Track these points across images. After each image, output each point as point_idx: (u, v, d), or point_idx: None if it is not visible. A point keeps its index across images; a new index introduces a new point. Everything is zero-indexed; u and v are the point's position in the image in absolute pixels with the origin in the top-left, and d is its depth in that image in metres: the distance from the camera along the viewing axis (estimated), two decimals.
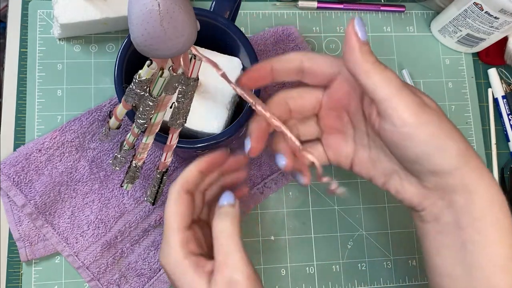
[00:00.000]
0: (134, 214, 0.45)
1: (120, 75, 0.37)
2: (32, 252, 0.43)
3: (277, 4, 0.52)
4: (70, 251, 0.44)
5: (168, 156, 0.35)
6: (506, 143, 0.53)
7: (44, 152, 0.44)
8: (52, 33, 0.48)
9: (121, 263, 0.44)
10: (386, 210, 0.50)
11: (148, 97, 0.29)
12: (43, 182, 0.44)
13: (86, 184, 0.45)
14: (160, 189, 0.37)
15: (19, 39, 0.47)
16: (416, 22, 0.54)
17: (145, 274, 0.44)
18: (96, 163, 0.45)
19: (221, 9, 0.39)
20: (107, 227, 0.44)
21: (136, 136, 0.34)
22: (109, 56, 0.48)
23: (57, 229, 0.44)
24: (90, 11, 0.44)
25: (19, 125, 0.46)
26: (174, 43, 0.25)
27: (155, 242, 0.45)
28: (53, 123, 0.46)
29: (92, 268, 0.44)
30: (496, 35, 0.49)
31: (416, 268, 0.49)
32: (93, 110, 0.46)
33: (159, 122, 0.32)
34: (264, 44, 0.49)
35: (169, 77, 0.28)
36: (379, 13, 0.54)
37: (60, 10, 0.44)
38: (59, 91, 0.47)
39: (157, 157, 0.46)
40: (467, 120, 0.53)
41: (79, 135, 0.45)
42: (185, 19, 0.25)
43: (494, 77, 0.53)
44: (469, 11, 0.47)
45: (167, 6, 0.24)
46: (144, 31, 0.24)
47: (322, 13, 0.53)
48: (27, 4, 0.48)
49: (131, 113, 0.35)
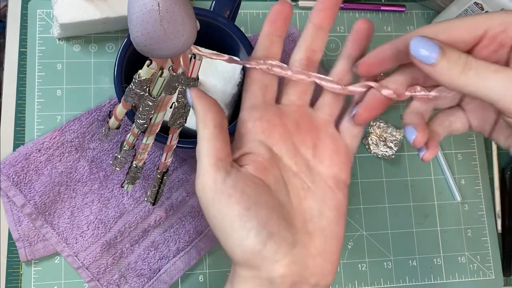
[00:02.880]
0: (134, 214, 0.45)
1: (120, 75, 0.37)
2: (32, 252, 0.43)
3: None
4: (69, 251, 0.44)
5: (168, 156, 0.35)
6: None
7: (43, 152, 0.44)
8: (52, 33, 0.48)
9: (120, 263, 0.44)
10: (386, 210, 0.50)
11: (148, 97, 0.29)
12: (43, 182, 0.44)
13: (86, 184, 0.45)
14: (160, 189, 0.37)
15: (18, 39, 0.47)
16: (417, 22, 0.54)
17: (145, 274, 0.44)
18: (95, 163, 0.45)
19: (221, 8, 0.39)
20: (106, 227, 0.44)
21: (136, 136, 0.33)
22: (108, 56, 0.48)
23: (57, 229, 0.44)
24: (90, 11, 0.44)
25: (19, 125, 0.46)
26: (174, 43, 0.25)
27: (155, 242, 0.45)
28: (53, 123, 0.46)
29: (92, 269, 0.44)
30: None
31: (416, 268, 0.49)
32: (92, 110, 0.46)
33: (159, 122, 0.32)
34: None
35: (169, 77, 0.28)
36: (380, 13, 0.54)
37: (59, 10, 0.44)
38: (59, 91, 0.47)
39: (157, 157, 0.46)
40: None
41: (78, 135, 0.45)
42: (185, 19, 0.25)
43: None
44: (470, 10, 0.47)
45: (167, 5, 0.24)
46: (144, 31, 0.24)
47: None
48: (26, 3, 0.48)
49: (130, 113, 0.35)
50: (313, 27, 0.34)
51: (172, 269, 0.45)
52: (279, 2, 0.34)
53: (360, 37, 0.34)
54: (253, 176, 0.30)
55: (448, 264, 0.50)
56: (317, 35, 0.34)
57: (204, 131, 0.30)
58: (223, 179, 0.29)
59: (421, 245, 0.50)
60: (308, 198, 0.32)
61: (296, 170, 0.32)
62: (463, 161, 0.52)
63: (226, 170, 0.29)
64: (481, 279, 0.50)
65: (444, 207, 0.51)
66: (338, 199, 0.32)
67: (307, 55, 0.34)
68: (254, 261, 0.28)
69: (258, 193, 0.29)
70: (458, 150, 0.52)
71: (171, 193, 0.46)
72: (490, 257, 0.50)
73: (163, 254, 0.45)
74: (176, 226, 0.45)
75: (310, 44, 0.34)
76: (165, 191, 0.46)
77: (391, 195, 0.50)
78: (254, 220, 0.28)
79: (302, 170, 0.32)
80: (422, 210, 0.51)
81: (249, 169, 0.31)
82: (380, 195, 0.50)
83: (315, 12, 0.34)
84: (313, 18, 0.34)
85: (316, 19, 0.34)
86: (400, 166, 0.51)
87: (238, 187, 0.29)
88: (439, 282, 0.49)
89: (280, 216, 0.30)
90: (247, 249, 0.28)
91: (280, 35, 0.34)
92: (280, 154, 0.32)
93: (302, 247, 0.30)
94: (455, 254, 0.50)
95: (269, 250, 0.28)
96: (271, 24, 0.33)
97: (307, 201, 0.32)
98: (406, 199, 0.50)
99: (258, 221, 0.28)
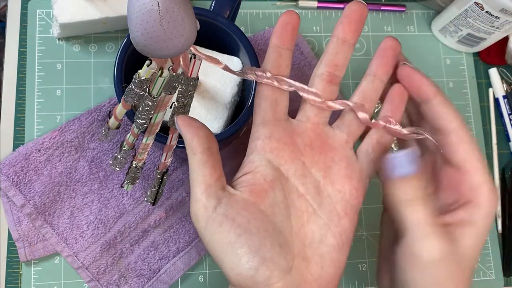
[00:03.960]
0: (133, 215, 0.45)
1: (120, 74, 0.37)
2: (32, 252, 0.43)
3: (277, 3, 0.52)
4: (69, 251, 0.44)
5: (168, 156, 0.35)
6: (507, 143, 0.53)
7: (43, 152, 0.44)
8: (52, 32, 0.48)
9: (120, 263, 0.44)
10: None
11: (148, 97, 0.29)
12: (43, 182, 0.44)
13: (86, 184, 0.45)
14: (160, 190, 0.37)
15: (18, 39, 0.47)
16: (417, 22, 0.54)
17: (145, 274, 0.44)
18: (95, 163, 0.45)
19: (221, 8, 0.39)
20: (106, 228, 0.44)
21: (136, 137, 0.33)
22: (108, 56, 0.48)
23: (57, 229, 0.44)
24: (89, 11, 0.44)
25: (19, 125, 0.46)
26: (173, 42, 0.25)
27: (155, 242, 0.45)
28: (53, 123, 0.46)
29: (92, 269, 0.44)
30: (497, 34, 0.49)
31: None
32: (92, 110, 0.46)
33: (159, 122, 0.32)
34: (264, 43, 0.49)
35: (168, 77, 0.28)
36: (380, 13, 0.54)
37: (59, 10, 0.43)
38: (59, 91, 0.47)
39: (157, 157, 0.46)
40: (468, 120, 0.53)
41: (78, 135, 0.45)
42: (185, 18, 0.25)
43: (495, 77, 0.53)
44: (470, 10, 0.47)
45: (167, 5, 0.24)
46: (143, 30, 0.24)
47: (322, 13, 0.53)
48: (26, 3, 0.48)
49: (130, 113, 0.35)
50: (337, 41, 0.33)
51: (172, 269, 0.45)
52: (285, 13, 0.33)
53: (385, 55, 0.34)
54: (246, 200, 0.30)
55: None
56: (340, 49, 0.33)
57: (193, 158, 0.30)
58: (214, 207, 0.29)
59: None
60: (311, 222, 0.31)
61: (302, 191, 0.32)
62: None
63: (217, 197, 0.29)
64: (481, 279, 0.50)
65: None
66: (344, 226, 0.32)
67: (329, 70, 0.33)
68: (247, 284, 0.28)
69: (249, 219, 0.29)
70: None
71: (171, 193, 0.46)
72: (490, 257, 0.50)
73: (163, 254, 0.45)
74: (176, 226, 0.45)
75: (333, 58, 0.33)
76: (165, 191, 0.46)
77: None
78: (245, 246, 0.28)
79: (310, 192, 0.32)
80: None
81: (244, 192, 0.30)
82: (380, 195, 0.50)
83: (339, 25, 0.33)
84: (337, 31, 0.33)
85: (341, 32, 0.33)
86: None
87: (229, 215, 0.29)
88: None
89: (274, 241, 0.29)
90: (240, 274, 0.28)
91: (288, 48, 0.33)
92: (288, 175, 0.32)
93: (297, 273, 0.29)
94: None
95: (261, 275, 0.28)
96: (278, 36, 0.32)
97: (309, 226, 0.31)
98: None
99: (249, 247, 0.28)
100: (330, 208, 0.32)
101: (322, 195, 0.32)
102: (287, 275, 0.29)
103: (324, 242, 0.31)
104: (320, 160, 0.32)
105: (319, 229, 0.31)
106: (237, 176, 0.32)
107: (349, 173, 0.32)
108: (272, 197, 0.30)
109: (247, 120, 0.37)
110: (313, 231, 0.31)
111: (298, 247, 0.30)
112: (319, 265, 0.30)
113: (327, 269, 0.31)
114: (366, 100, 0.33)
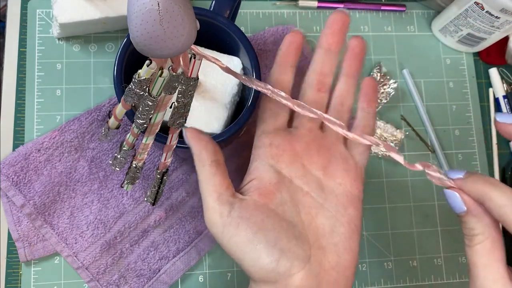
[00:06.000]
0: (133, 215, 0.45)
1: (120, 74, 0.37)
2: (31, 252, 0.43)
3: (277, 3, 0.52)
4: (69, 251, 0.44)
5: (168, 156, 0.35)
6: (507, 143, 0.53)
7: (43, 152, 0.44)
8: (51, 32, 0.48)
9: (120, 263, 0.44)
10: (386, 210, 0.50)
11: (148, 97, 0.29)
12: (42, 182, 0.44)
13: (86, 184, 0.45)
14: (160, 190, 0.37)
15: (18, 39, 0.47)
16: (417, 22, 0.54)
17: (145, 274, 0.44)
18: (95, 163, 0.45)
19: (221, 8, 0.39)
20: (106, 228, 0.44)
21: (135, 137, 0.33)
22: (108, 56, 0.48)
23: (56, 229, 0.44)
24: (89, 11, 0.44)
25: (18, 125, 0.46)
26: (173, 42, 0.25)
27: (155, 242, 0.45)
28: (52, 123, 0.46)
29: (92, 269, 0.44)
30: (497, 34, 0.49)
31: (416, 268, 0.49)
32: (92, 110, 0.46)
33: (159, 122, 0.32)
34: (264, 43, 0.49)
35: (168, 76, 0.28)
36: (380, 13, 0.54)
37: (59, 10, 0.43)
38: (58, 90, 0.47)
39: (157, 157, 0.46)
40: (468, 120, 0.53)
41: (78, 135, 0.45)
42: (185, 18, 0.25)
43: (495, 76, 0.53)
44: (470, 10, 0.47)
45: (167, 5, 0.24)
46: (143, 30, 0.24)
47: (322, 13, 0.53)
48: (26, 3, 0.48)
49: (130, 113, 0.35)
50: (322, 51, 0.36)
51: (172, 270, 0.45)
52: (291, 34, 0.36)
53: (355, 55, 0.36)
54: (256, 202, 0.32)
55: (449, 264, 0.50)
56: (326, 58, 0.36)
57: (202, 170, 0.32)
58: (228, 211, 0.31)
59: (421, 245, 0.50)
60: (319, 216, 0.33)
61: (307, 189, 0.34)
62: (463, 161, 0.52)
63: (229, 202, 0.31)
64: None
65: (444, 207, 0.51)
66: (350, 215, 0.34)
67: (318, 78, 0.36)
68: (270, 277, 0.30)
69: (263, 218, 0.31)
70: (459, 150, 0.52)
71: (171, 193, 0.46)
72: None
73: (163, 254, 0.45)
74: (176, 226, 0.45)
75: (321, 68, 0.36)
76: (165, 191, 0.46)
77: (391, 195, 0.50)
78: (263, 241, 0.30)
79: (313, 190, 0.34)
80: (423, 210, 0.50)
81: (253, 196, 0.32)
82: (380, 195, 0.50)
83: (323, 36, 0.36)
84: (321, 42, 0.36)
85: (325, 43, 0.36)
86: (400, 166, 0.51)
87: (244, 216, 0.31)
88: (439, 282, 0.49)
89: (290, 235, 0.31)
90: (262, 268, 0.30)
91: (292, 65, 0.36)
92: (290, 177, 0.34)
93: (315, 262, 0.31)
94: (456, 254, 0.50)
95: (282, 266, 0.30)
96: (283, 56, 0.36)
97: (319, 219, 0.33)
98: (406, 199, 0.50)
99: (267, 242, 0.30)
100: (335, 201, 0.34)
101: (326, 190, 0.34)
102: (307, 264, 0.31)
103: (335, 231, 0.33)
104: (318, 161, 0.35)
105: (328, 220, 0.33)
106: (244, 183, 0.34)
107: (345, 167, 0.35)
108: (280, 198, 0.32)
109: (247, 120, 0.37)
110: (323, 223, 0.33)
111: (313, 238, 0.32)
112: (335, 253, 0.32)
113: (343, 256, 0.32)
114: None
